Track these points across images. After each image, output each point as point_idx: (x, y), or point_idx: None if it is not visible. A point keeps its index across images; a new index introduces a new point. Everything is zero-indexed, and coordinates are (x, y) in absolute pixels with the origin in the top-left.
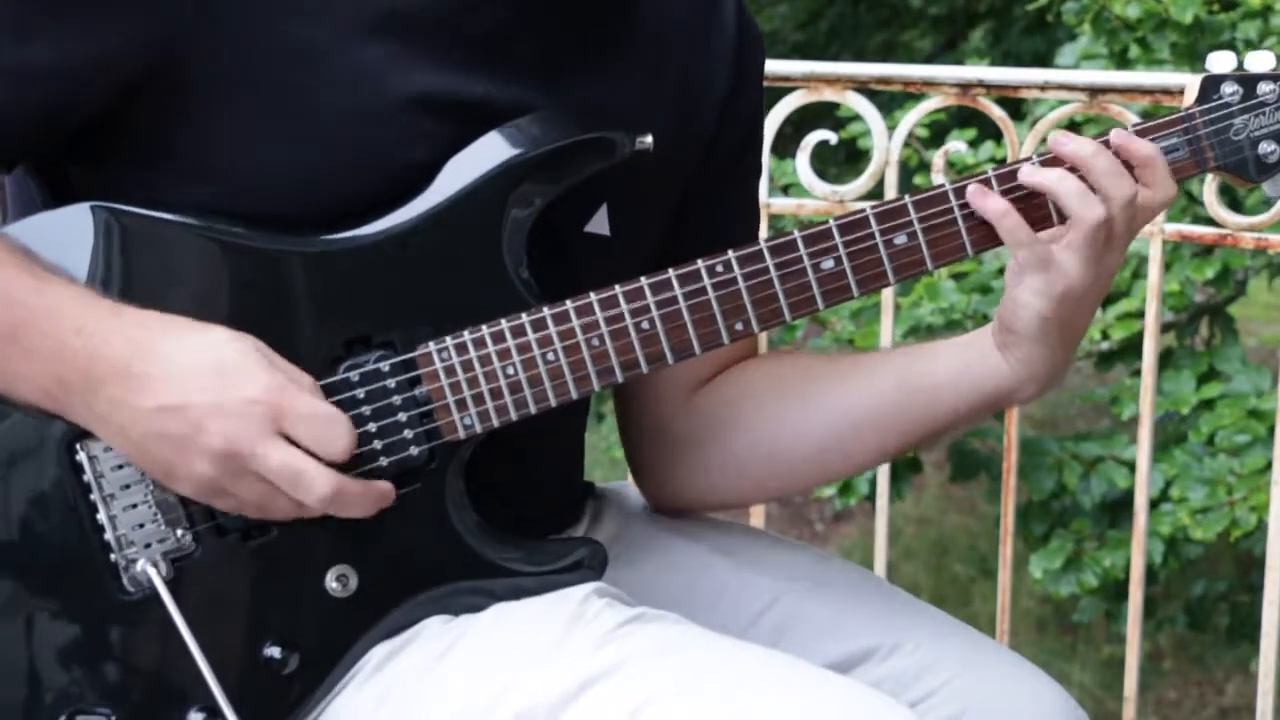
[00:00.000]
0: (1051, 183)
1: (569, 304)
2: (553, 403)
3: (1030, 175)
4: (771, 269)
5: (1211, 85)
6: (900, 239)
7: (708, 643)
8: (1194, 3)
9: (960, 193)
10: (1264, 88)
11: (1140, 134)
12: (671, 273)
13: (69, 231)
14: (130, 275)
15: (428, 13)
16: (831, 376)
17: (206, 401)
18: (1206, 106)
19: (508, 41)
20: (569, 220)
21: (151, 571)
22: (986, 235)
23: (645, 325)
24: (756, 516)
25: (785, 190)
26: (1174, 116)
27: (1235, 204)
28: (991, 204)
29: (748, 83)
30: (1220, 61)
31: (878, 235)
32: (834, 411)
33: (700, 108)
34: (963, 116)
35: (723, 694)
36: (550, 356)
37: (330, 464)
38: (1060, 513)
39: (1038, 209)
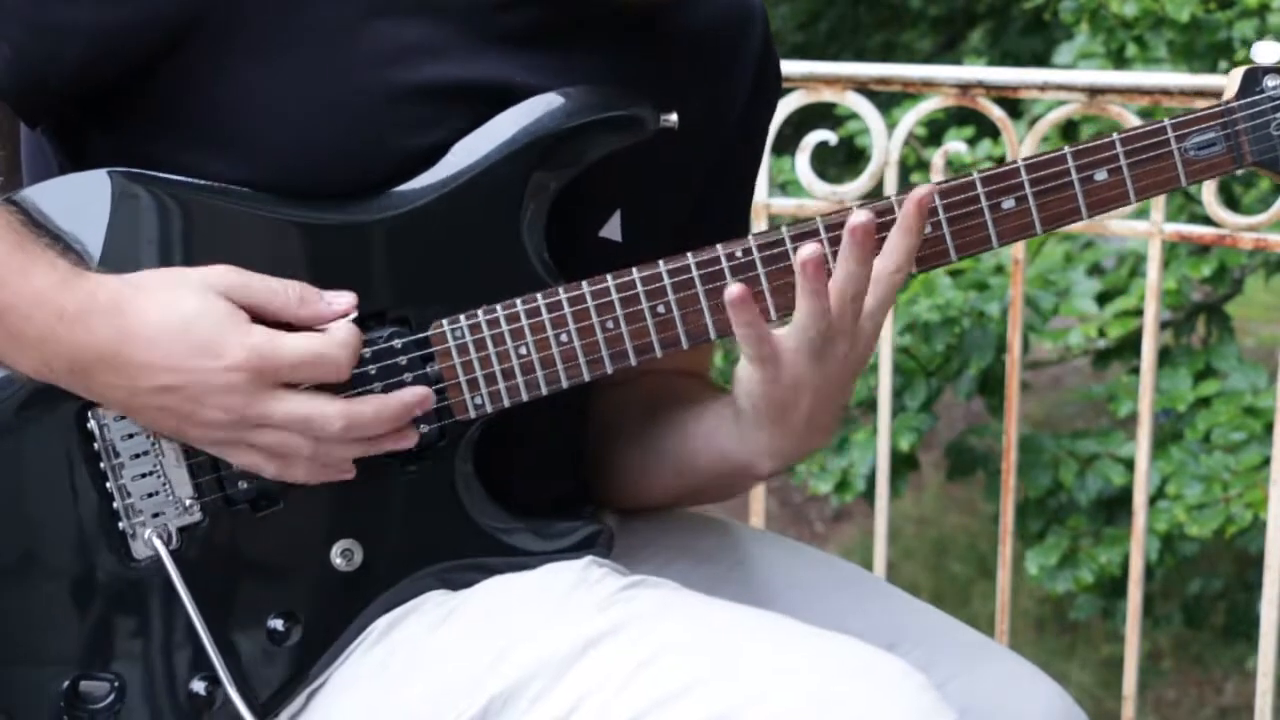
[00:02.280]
0: (796, 266)
1: (585, 286)
2: (564, 384)
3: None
4: (791, 255)
5: (1253, 78)
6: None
7: (708, 605)
8: (1191, 1)
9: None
10: None
11: (1177, 128)
12: (690, 258)
13: (86, 196)
14: (145, 242)
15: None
16: (671, 403)
17: (196, 381)
18: (1248, 100)
19: (540, 37)
20: (583, 223)
21: (157, 541)
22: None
23: (661, 309)
24: (756, 516)
25: (783, 188)
26: (1213, 110)
27: (1232, 202)
28: (747, 314)
29: (763, 98)
30: (1265, 52)
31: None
32: (648, 435)
33: (719, 127)
34: (960, 115)
35: (727, 650)
36: (564, 338)
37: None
38: (1056, 510)
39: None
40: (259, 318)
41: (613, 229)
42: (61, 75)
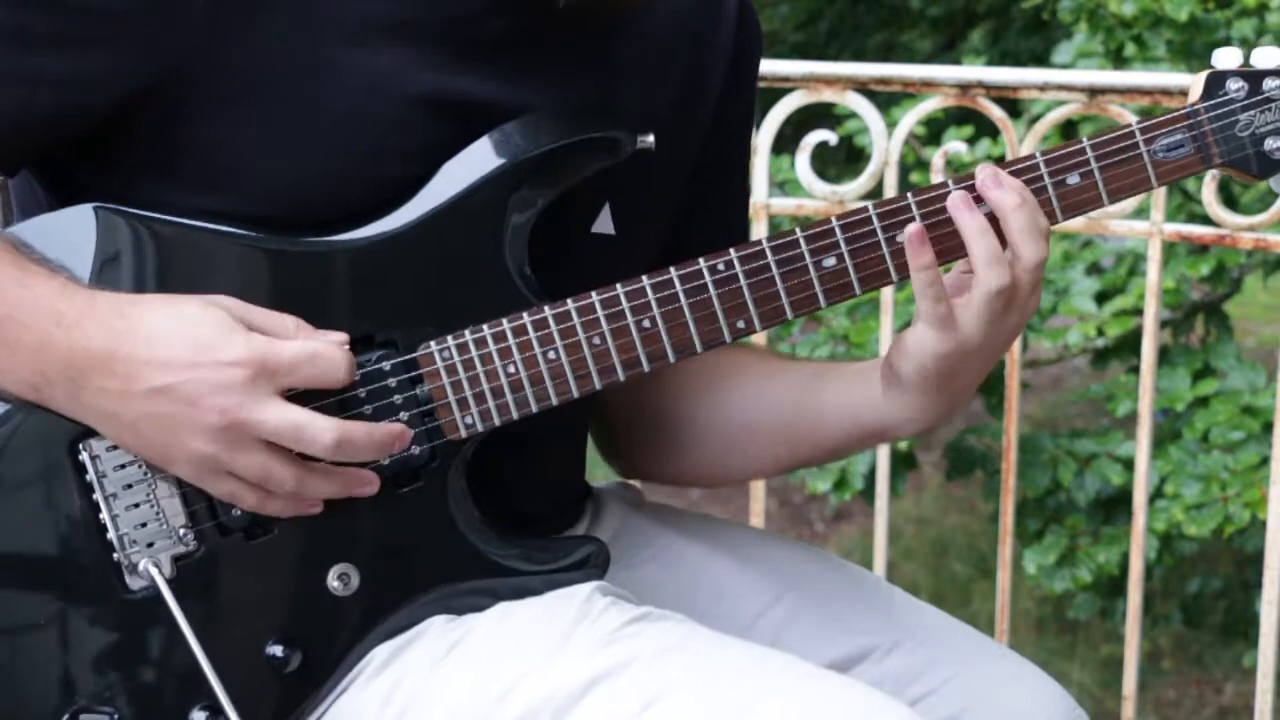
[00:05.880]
0: (970, 234)
1: (570, 303)
2: (554, 401)
3: (955, 210)
4: (773, 266)
5: (1216, 81)
6: (903, 237)
7: (712, 642)
8: (1189, 1)
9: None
10: (1269, 84)
11: (1145, 130)
12: (673, 271)
13: (72, 232)
14: (131, 276)
15: (435, 19)
16: (753, 377)
17: (194, 379)
18: (1212, 103)
19: (514, 45)
20: (574, 221)
21: (153, 571)
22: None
23: (646, 324)
24: (756, 516)
25: (781, 187)
26: (1179, 113)
27: (1231, 201)
28: (924, 256)
29: (744, 79)
30: (1226, 58)
31: (880, 233)
32: (740, 411)
33: (700, 105)
34: (960, 114)
35: (728, 693)
36: (551, 355)
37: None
38: (1055, 509)
39: (952, 238)
40: None
41: (604, 223)
42: (34, 124)
